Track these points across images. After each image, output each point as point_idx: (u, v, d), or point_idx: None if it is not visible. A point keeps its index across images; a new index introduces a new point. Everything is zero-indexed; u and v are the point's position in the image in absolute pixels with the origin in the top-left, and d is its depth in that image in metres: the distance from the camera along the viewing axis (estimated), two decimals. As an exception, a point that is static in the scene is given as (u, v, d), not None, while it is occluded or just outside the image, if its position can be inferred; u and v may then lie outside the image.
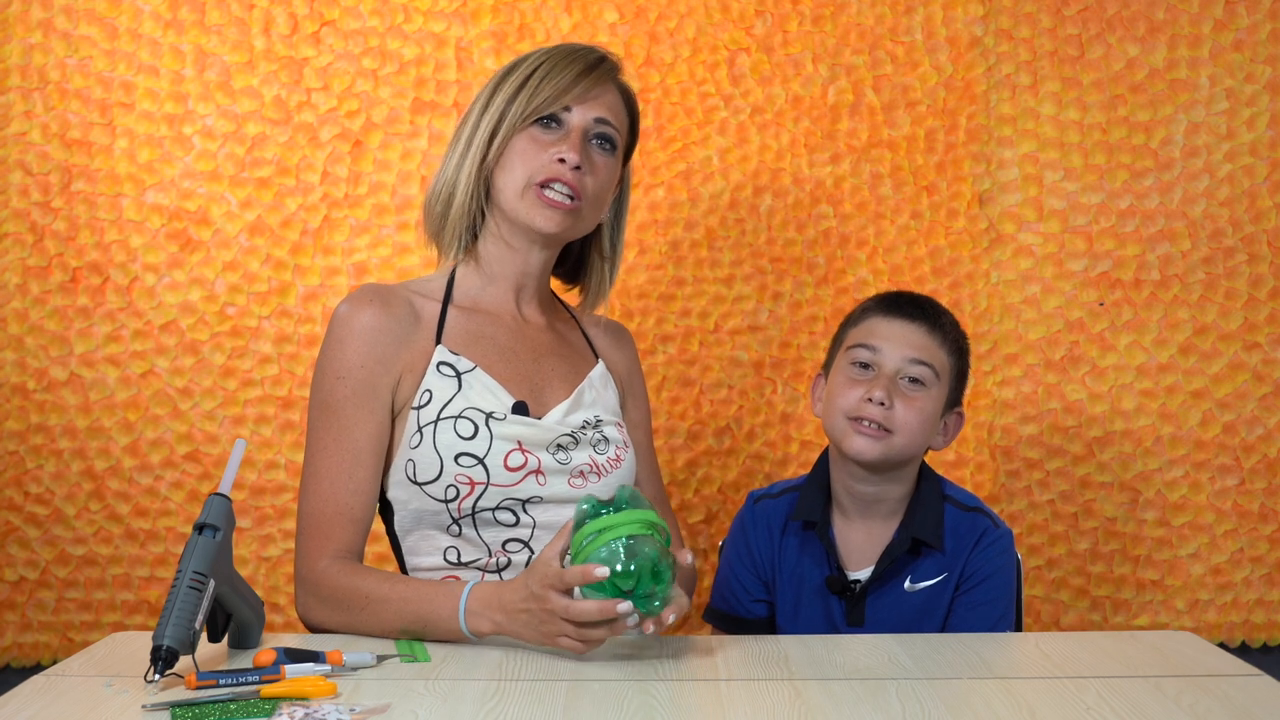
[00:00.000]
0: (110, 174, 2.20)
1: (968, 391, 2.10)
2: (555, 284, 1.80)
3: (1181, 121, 2.29)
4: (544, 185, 1.61)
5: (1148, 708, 1.25)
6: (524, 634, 1.42)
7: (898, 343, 1.71)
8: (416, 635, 1.50)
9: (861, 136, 2.27)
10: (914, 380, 1.70)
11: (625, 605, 1.34)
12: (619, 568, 1.35)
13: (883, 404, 1.68)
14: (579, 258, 1.79)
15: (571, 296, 1.82)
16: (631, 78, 2.21)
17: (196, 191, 2.21)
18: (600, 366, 1.74)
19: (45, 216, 2.20)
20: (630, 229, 2.23)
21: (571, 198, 1.61)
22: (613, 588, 1.35)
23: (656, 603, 1.37)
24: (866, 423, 1.68)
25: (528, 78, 1.62)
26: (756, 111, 2.26)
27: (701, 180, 2.27)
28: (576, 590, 1.37)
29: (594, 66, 1.64)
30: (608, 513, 1.39)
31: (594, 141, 1.64)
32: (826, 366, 1.80)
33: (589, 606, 1.35)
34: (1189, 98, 2.28)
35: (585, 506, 1.40)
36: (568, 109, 1.62)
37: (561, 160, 1.60)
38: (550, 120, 1.62)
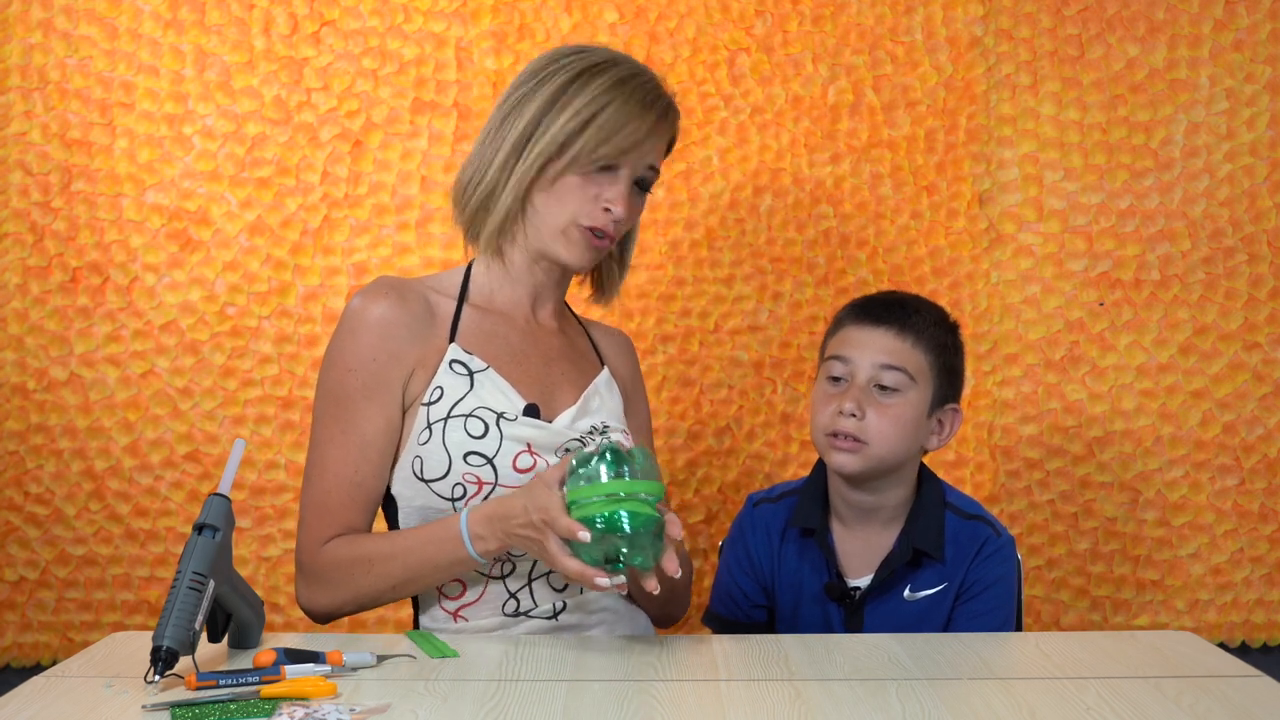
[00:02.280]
0: (110, 174, 2.20)
1: (967, 391, 2.09)
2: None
3: (1181, 121, 2.29)
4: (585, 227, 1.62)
5: (1148, 708, 1.25)
6: (527, 550, 1.49)
7: (867, 350, 1.70)
8: (424, 580, 1.55)
9: (861, 136, 2.27)
10: (886, 387, 1.69)
11: (604, 580, 1.39)
12: (597, 543, 1.40)
13: (853, 415, 1.67)
14: None
15: (575, 298, 1.82)
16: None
17: (196, 191, 2.21)
18: (605, 373, 1.74)
19: (45, 216, 2.20)
20: (630, 229, 2.24)
21: (606, 237, 1.64)
22: (590, 556, 1.41)
23: (637, 560, 1.41)
24: (841, 436, 1.68)
25: (597, 112, 1.59)
26: (756, 111, 2.26)
27: (701, 180, 2.26)
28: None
29: (664, 115, 1.65)
30: (602, 469, 1.41)
31: (636, 184, 1.65)
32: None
33: (572, 566, 1.41)
34: (1189, 98, 2.28)
35: (576, 461, 1.43)
36: (626, 156, 1.62)
37: (607, 209, 1.61)
38: (608, 168, 1.62)
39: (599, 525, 1.38)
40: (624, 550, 1.39)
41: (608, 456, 1.41)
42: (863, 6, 2.27)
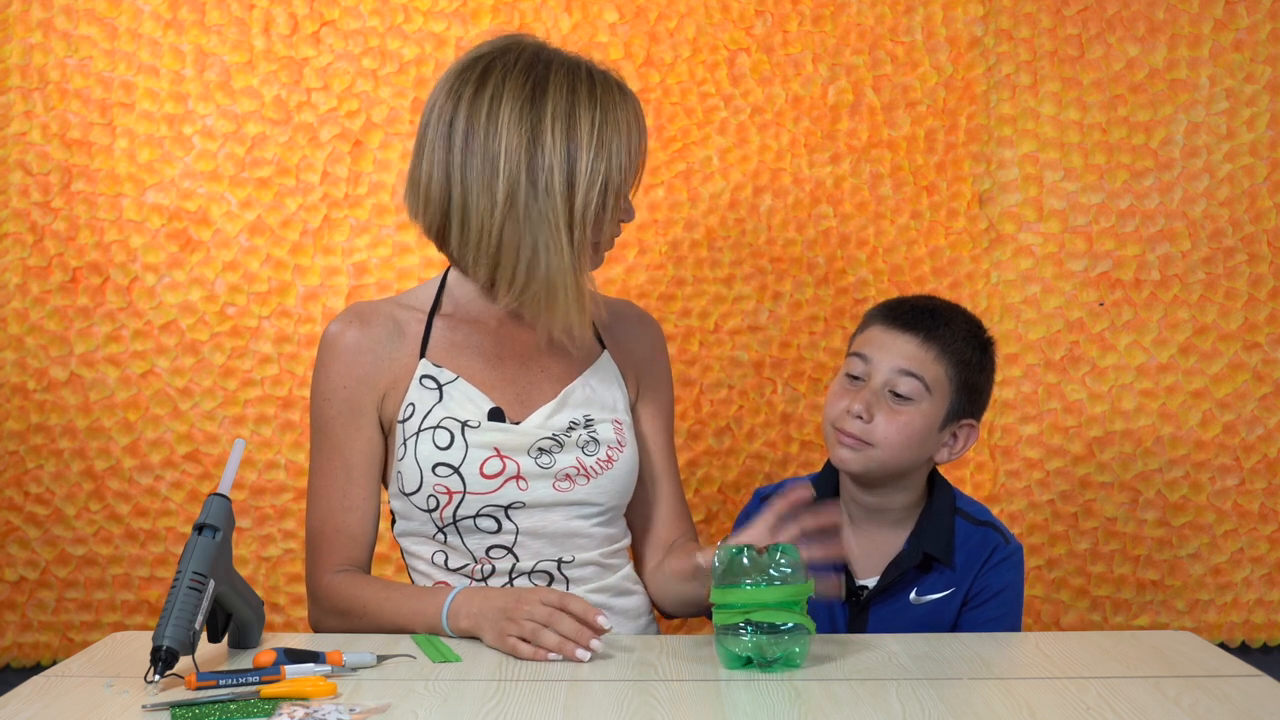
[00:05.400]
0: (110, 174, 2.20)
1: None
2: None
3: (1181, 121, 2.29)
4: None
5: (1148, 708, 1.25)
6: (484, 628, 1.46)
7: (888, 353, 1.70)
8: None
9: (861, 136, 2.27)
10: (900, 394, 1.68)
11: (602, 622, 1.39)
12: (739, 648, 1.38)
13: (860, 417, 1.67)
14: None
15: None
16: (631, 77, 2.22)
17: (196, 191, 2.21)
18: (603, 358, 1.73)
19: (45, 216, 2.20)
20: (630, 229, 2.23)
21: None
22: (739, 660, 1.38)
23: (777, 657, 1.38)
24: (847, 434, 1.68)
25: (621, 143, 1.58)
26: (756, 111, 2.26)
27: (701, 180, 2.27)
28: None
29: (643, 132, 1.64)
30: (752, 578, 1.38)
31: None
32: None
33: (578, 604, 1.41)
34: (1189, 98, 2.28)
35: (733, 556, 1.40)
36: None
37: (622, 224, 1.66)
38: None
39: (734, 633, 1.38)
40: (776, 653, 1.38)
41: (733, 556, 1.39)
42: (863, 6, 2.27)
